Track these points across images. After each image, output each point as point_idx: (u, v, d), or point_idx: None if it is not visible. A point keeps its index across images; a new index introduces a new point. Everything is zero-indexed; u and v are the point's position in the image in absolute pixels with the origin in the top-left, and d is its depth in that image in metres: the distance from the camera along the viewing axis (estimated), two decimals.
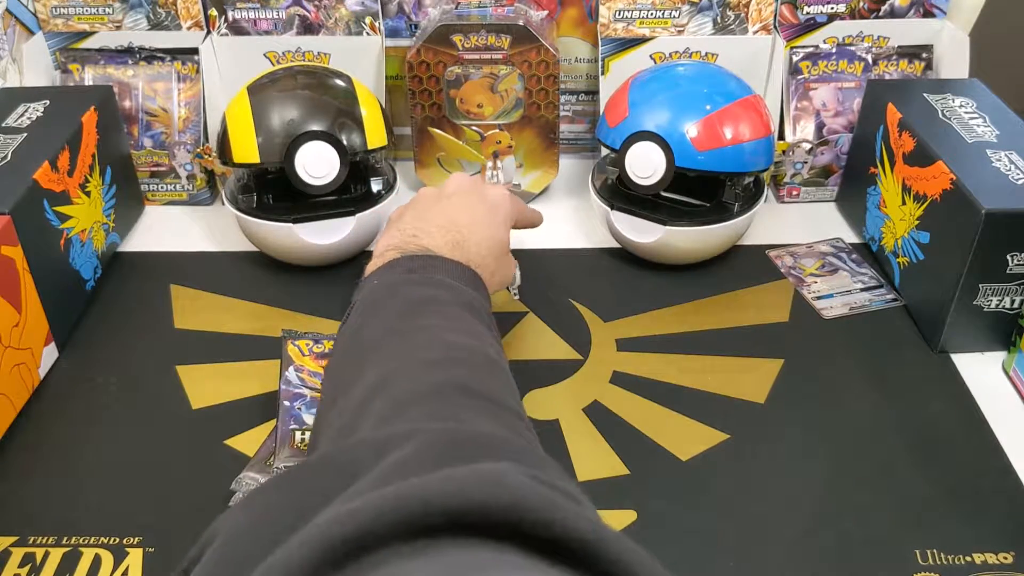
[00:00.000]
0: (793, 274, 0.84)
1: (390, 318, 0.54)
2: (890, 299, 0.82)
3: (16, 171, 0.75)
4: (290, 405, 0.67)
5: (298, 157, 0.80)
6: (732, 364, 0.77)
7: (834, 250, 0.89)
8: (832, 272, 0.86)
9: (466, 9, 0.93)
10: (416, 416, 0.43)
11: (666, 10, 0.93)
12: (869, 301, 0.82)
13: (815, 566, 0.60)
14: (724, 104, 0.81)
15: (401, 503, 0.29)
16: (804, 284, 0.83)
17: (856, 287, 0.84)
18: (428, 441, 0.37)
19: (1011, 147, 0.78)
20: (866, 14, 0.95)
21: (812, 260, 0.87)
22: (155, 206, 0.98)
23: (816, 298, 0.82)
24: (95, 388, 0.75)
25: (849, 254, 0.89)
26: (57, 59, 0.96)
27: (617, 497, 0.65)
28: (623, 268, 0.88)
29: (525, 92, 0.92)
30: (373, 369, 0.48)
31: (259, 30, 0.94)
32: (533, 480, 0.32)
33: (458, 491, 0.29)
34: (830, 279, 0.85)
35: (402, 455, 0.35)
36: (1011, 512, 0.63)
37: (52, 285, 0.76)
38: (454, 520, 0.28)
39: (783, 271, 0.86)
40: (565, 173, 1.01)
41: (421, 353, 0.49)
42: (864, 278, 0.85)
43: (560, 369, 0.76)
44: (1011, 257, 0.71)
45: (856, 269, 0.87)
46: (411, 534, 0.28)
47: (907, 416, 0.71)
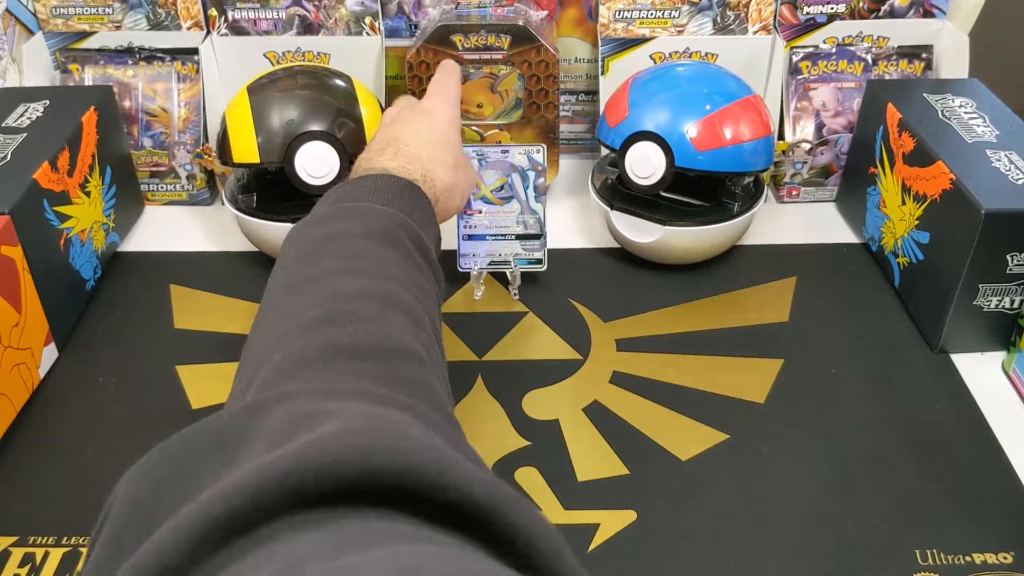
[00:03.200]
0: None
1: (290, 267, 0.51)
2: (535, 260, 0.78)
3: (16, 171, 0.75)
4: None
5: (298, 157, 0.80)
6: (732, 364, 0.77)
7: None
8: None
9: (466, 9, 0.93)
10: (296, 388, 0.39)
11: (666, 10, 0.93)
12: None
13: (815, 566, 0.60)
14: (724, 104, 0.81)
15: (289, 475, 0.27)
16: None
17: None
18: (300, 402, 0.35)
19: (1011, 147, 0.78)
20: (866, 14, 0.95)
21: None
22: (155, 206, 0.98)
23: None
24: (95, 388, 0.75)
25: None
26: (57, 59, 0.96)
27: (617, 497, 0.65)
28: (623, 268, 0.88)
29: (525, 92, 0.92)
30: (265, 332, 0.46)
31: (259, 30, 0.94)
32: (426, 434, 0.31)
33: (349, 459, 0.28)
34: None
35: (276, 420, 0.33)
36: (1011, 512, 0.63)
37: (52, 285, 0.76)
38: (345, 488, 0.28)
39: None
40: (565, 173, 1.01)
41: (310, 311, 0.45)
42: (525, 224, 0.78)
43: (560, 369, 0.76)
44: (1011, 257, 0.71)
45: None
46: (300, 505, 0.27)
47: (907, 416, 0.71)
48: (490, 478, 0.29)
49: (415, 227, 0.54)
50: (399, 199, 0.56)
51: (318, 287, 0.47)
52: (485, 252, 0.82)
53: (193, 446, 0.33)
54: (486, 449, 0.68)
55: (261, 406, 0.34)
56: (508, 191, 0.81)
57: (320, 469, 0.27)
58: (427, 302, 0.50)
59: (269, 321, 0.47)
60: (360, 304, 0.45)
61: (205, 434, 0.34)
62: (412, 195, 0.58)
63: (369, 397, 0.37)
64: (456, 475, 0.28)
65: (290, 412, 0.33)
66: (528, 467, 0.67)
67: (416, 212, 0.57)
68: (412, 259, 0.52)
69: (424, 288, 0.51)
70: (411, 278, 0.50)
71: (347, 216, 0.53)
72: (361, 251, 0.50)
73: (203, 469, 0.31)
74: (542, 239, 0.82)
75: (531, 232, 0.81)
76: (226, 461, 0.31)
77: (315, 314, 0.45)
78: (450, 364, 0.75)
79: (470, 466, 0.29)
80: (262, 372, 0.41)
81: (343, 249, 0.50)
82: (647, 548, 0.61)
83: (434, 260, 0.55)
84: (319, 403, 0.34)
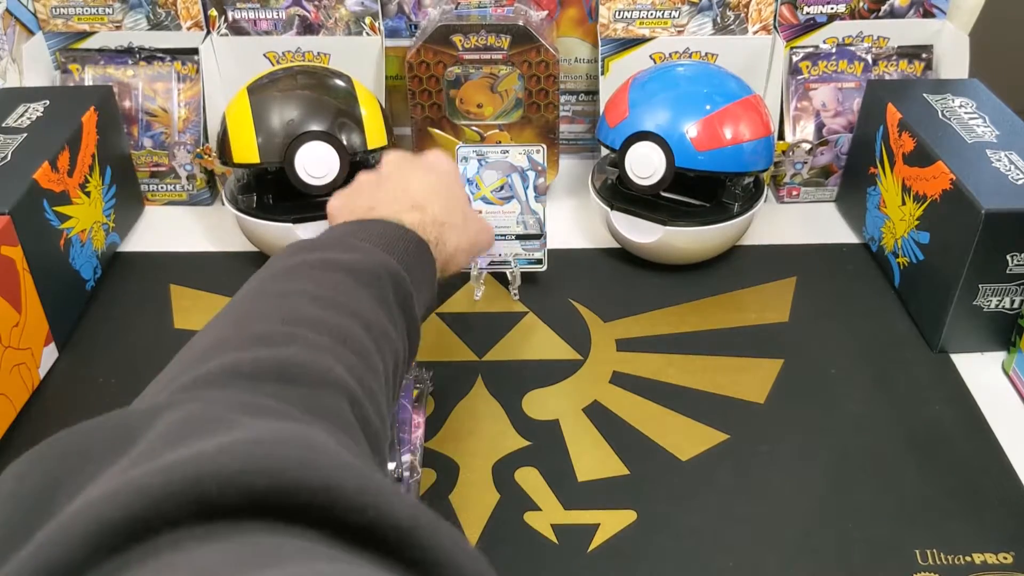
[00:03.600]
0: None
1: (263, 277, 0.50)
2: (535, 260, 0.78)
3: (16, 171, 0.75)
4: None
5: (298, 157, 0.80)
6: (732, 364, 0.77)
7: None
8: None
9: (466, 9, 0.93)
10: (215, 395, 0.37)
11: (666, 10, 0.93)
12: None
13: (815, 566, 0.60)
14: (724, 104, 0.81)
15: (196, 481, 0.25)
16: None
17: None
18: (212, 405, 0.33)
19: (1011, 147, 0.78)
20: (866, 14, 0.95)
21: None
22: (155, 206, 0.98)
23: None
24: (95, 388, 0.75)
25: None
26: (57, 59, 0.96)
27: (617, 497, 0.65)
28: (623, 268, 0.88)
29: (525, 92, 0.92)
30: (210, 333, 0.44)
31: (259, 30, 0.94)
32: (346, 456, 0.29)
33: (262, 468, 0.26)
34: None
35: (178, 417, 0.31)
36: (1011, 512, 0.63)
37: (52, 285, 0.76)
38: (256, 501, 0.26)
39: None
40: (565, 173, 1.01)
41: (258, 326, 0.44)
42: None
43: (560, 369, 0.76)
44: (1011, 257, 0.71)
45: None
46: (206, 515, 0.25)
47: (907, 416, 0.71)
48: (412, 500, 0.28)
49: (406, 281, 0.52)
50: (403, 252, 0.55)
51: (277, 304, 0.46)
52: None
53: (88, 439, 0.31)
54: (486, 449, 0.68)
55: (170, 405, 0.32)
56: (508, 191, 0.81)
57: (226, 478, 0.25)
58: (387, 351, 0.48)
59: (221, 323, 0.46)
60: (311, 332, 0.43)
61: (102, 427, 0.31)
62: (417, 252, 0.57)
63: (287, 418, 0.35)
64: (376, 494, 0.27)
65: (196, 414, 0.31)
66: (528, 467, 0.67)
67: (416, 269, 0.55)
68: (389, 310, 0.50)
69: (390, 338, 0.49)
70: (380, 326, 0.48)
71: (341, 248, 0.52)
72: (336, 284, 0.48)
73: (98, 465, 0.28)
74: (542, 239, 0.82)
75: (531, 232, 0.81)
76: (124, 459, 0.29)
77: (263, 329, 0.43)
78: (450, 364, 0.76)
79: (391, 486, 0.28)
80: (185, 376, 0.39)
81: (321, 277, 0.49)
82: (647, 548, 0.61)
83: (415, 319, 0.53)
84: (230, 412, 0.32)
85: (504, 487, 0.65)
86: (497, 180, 0.80)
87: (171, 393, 0.38)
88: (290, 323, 0.44)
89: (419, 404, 0.70)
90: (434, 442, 0.69)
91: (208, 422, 0.30)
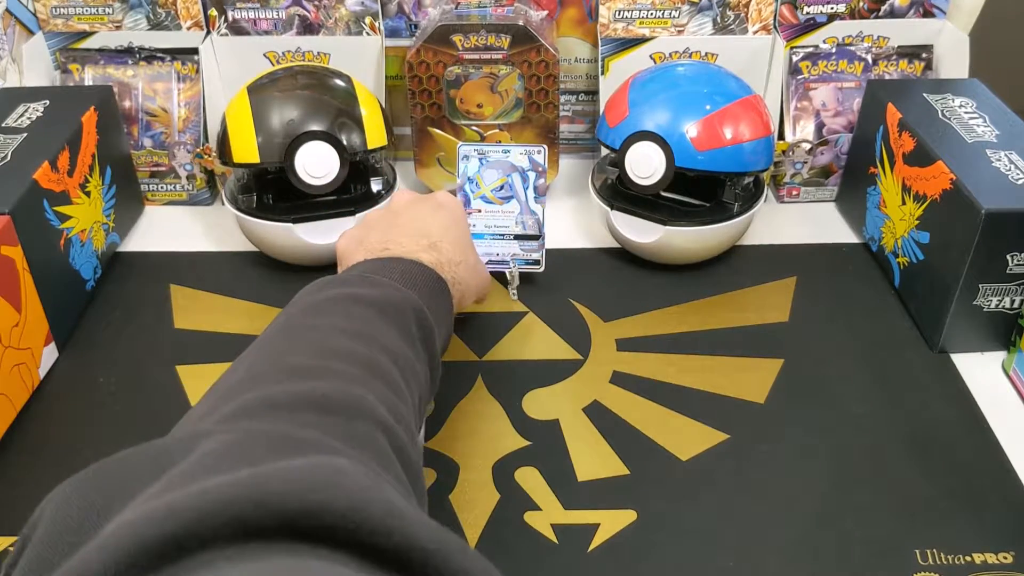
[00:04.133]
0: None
1: (292, 313, 0.52)
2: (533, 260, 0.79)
3: (16, 171, 0.75)
4: None
5: (298, 157, 0.80)
6: (732, 364, 0.77)
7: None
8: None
9: (466, 9, 0.93)
10: (251, 426, 0.39)
11: (666, 10, 0.93)
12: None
13: (815, 566, 0.60)
14: (724, 104, 0.81)
15: (229, 503, 0.26)
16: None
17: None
18: (251, 435, 0.34)
19: (1011, 147, 0.78)
20: (866, 14, 0.95)
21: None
22: (155, 206, 0.98)
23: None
24: (95, 388, 0.75)
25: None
26: (57, 59, 0.96)
27: (617, 497, 0.65)
28: (623, 268, 0.88)
29: (525, 92, 0.92)
30: (244, 366, 0.46)
31: (259, 30, 0.94)
32: (374, 481, 0.30)
33: (290, 491, 0.27)
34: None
35: (216, 447, 0.32)
36: (1011, 512, 0.63)
37: (52, 285, 0.76)
38: (286, 523, 0.27)
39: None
40: (565, 173, 1.01)
41: (293, 359, 0.45)
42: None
43: (560, 369, 0.76)
44: (1011, 257, 0.71)
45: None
46: (238, 536, 0.26)
47: (907, 416, 0.71)
48: (437, 525, 0.29)
49: (429, 318, 0.54)
50: (424, 289, 0.57)
51: (309, 337, 0.47)
52: (483, 252, 0.82)
53: (129, 466, 0.32)
54: (486, 449, 0.68)
55: (209, 434, 0.33)
56: (508, 191, 0.81)
57: (259, 501, 0.27)
58: (413, 383, 0.49)
59: (252, 358, 0.47)
60: (343, 364, 0.45)
61: (144, 455, 0.32)
62: (437, 291, 0.58)
63: (322, 448, 0.36)
64: (402, 518, 0.27)
65: (233, 443, 0.32)
66: (528, 467, 0.67)
67: (436, 307, 0.57)
68: (413, 344, 0.52)
69: (416, 373, 0.50)
70: (406, 358, 0.50)
71: (366, 285, 0.54)
72: (365, 317, 0.50)
73: (137, 490, 0.30)
74: (540, 240, 0.82)
75: (530, 233, 0.81)
76: (161, 483, 0.30)
77: (296, 362, 0.44)
78: (450, 364, 0.76)
79: (418, 512, 0.28)
80: (226, 407, 0.40)
81: (348, 311, 0.51)
82: (647, 548, 0.61)
83: (436, 356, 0.55)
84: (266, 443, 0.33)
85: (504, 487, 0.65)
86: (497, 180, 0.80)
87: (209, 424, 0.39)
88: (323, 356, 0.45)
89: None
90: (434, 442, 0.69)
91: (244, 451, 0.31)
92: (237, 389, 0.42)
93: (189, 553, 0.25)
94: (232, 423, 0.38)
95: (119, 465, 0.32)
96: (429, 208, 0.66)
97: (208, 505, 0.26)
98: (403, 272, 0.57)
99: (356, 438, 0.39)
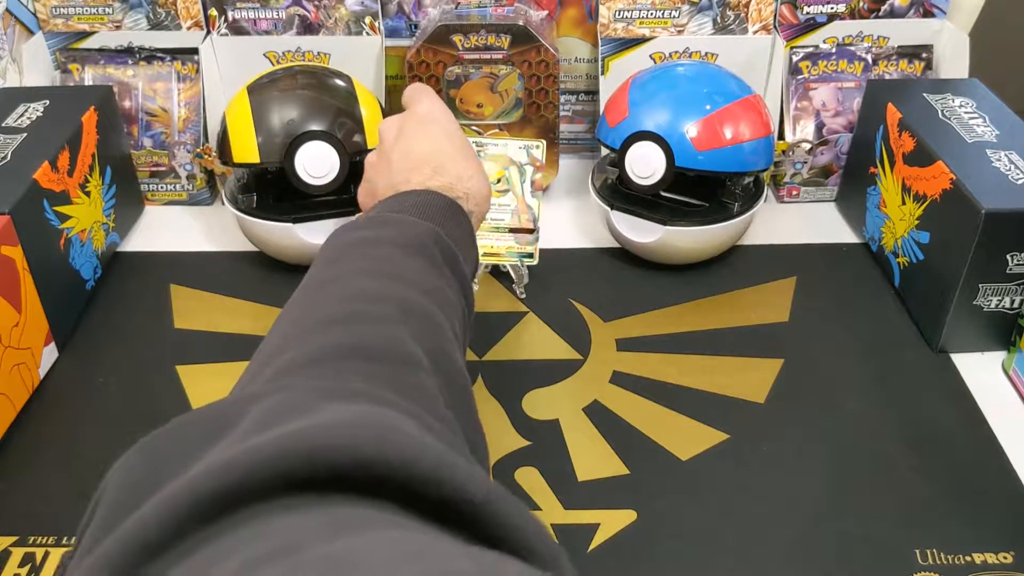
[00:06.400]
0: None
1: (314, 269, 0.51)
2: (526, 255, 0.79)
3: (16, 171, 0.75)
4: None
5: (298, 157, 0.80)
6: (732, 364, 0.77)
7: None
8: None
9: (466, 9, 0.93)
10: (299, 383, 0.39)
11: (666, 10, 0.93)
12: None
13: (815, 566, 0.60)
14: (724, 104, 0.81)
15: (281, 457, 0.27)
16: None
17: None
18: (301, 390, 0.34)
19: (1011, 147, 0.78)
20: (866, 14, 0.95)
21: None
22: (155, 206, 0.98)
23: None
24: (95, 388, 0.75)
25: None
26: (57, 59, 0.96)
27: (617, 497, 0.65)
28: (623, 268, 0.88)
29: (525, 92, 0.92)
30: (278, 330, 0.45)
31: (259, 30, 0.94)
32: (424, 433, 0.30)
33: (343, 444, 0.28)
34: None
35: (270, 404, 0.33)
36: (1011, 512, 0.63)
37: (52, 285, 0.76)
38: (339, 475, 0.27)
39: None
40: (565, 173, 1.01)
41: (323, 311, 0.45)
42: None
43: (560, 369, 0.76)
44: (1011, 257, 0.71)
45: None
46: (292, 489, 0.27)
47: (907, 416, 0.71)
48: (486, 477, 0.29)
49: (450, 243, 0.53)
50: (440, 215, 0.56)
51: (334, 287, 0.47)
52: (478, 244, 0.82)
53: (187, 429, 0.33)
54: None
55: (258, 395, 0.34)
56: (505, 184, 0.81)
57: (311, 454, 0.27)
58: (450, 313, 0.49)
59: (283, 321, 0.47)
60: (374, 306, 0.45)
61: (200, 418, 0.33)
62: (453, 213, 0.57)
63: (372, 398, 0.36)
64: (452, 470, 0.28)
65: (285, 400, 0.33)
66: (528, 467, 0.67)
67: (456, 230, 0.56)
68: (441, 272, 0.51)
69: (450, 301, 0.50)
70: (436, 288, 0.49)
71: (381, 225, 0.53)
72: (387, 257, 0.50)
73: (195, 450, 0.30)
74: (535, 234, 0.82)
75: (525, 226, 0.81)
76: (215, 442, 0.31)
77: (326, 313, 0.44)
78: None
79: (467, 464, 0.29)
80: (267, 370, 0.41)
81: (368, 252, 0.50)
82: (647, 548, 0.61)
83: (466, 279, 0.54)
84: (314, 398, 0.34)
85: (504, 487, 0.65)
86: (495, 173, 0.80)
87: (259, 385, 0.39)
88: (353, 300, 0.45)
89: None
90: None
91: (294, 408, 0.32)
92: (275, 354, 0.42)
93: (243, 504, 0.26)
94: (277, 382, 0.39)
95: (179, 430, 0.33)
96: (419, 130, 0.63)
97: (259, 459, 0.27)
98: (415, 204, 0.56)
99: (400, 384, 0.39)
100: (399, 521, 0.27)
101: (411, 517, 0.28)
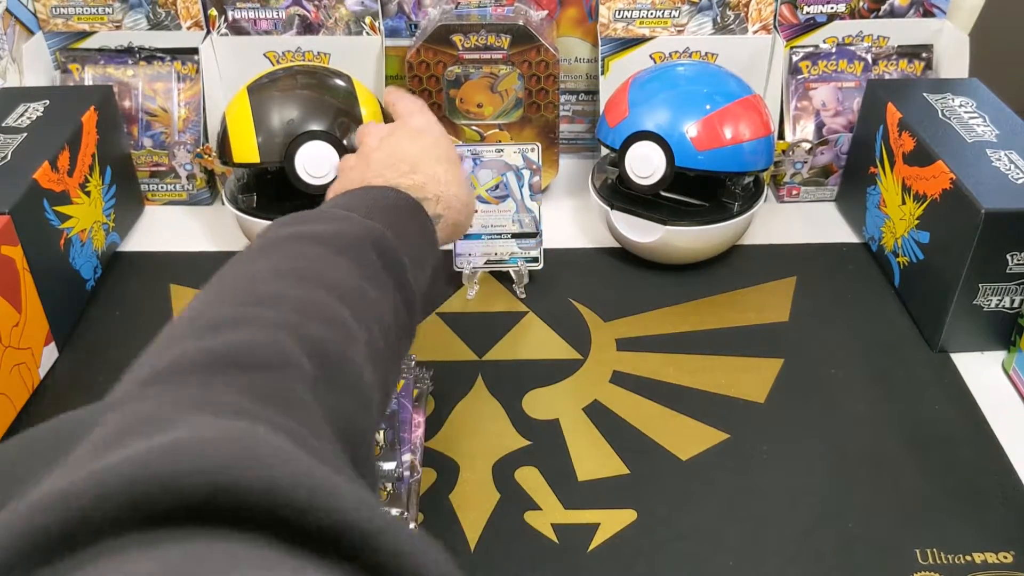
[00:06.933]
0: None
1: (235, 260, 0.49)
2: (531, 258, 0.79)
3: (16, 171, 0.75)
4: None
5: (298, 157, 0.80)
6: (732, 364, 0.77)
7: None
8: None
9: (466, 9, 0.93)
10: (162, 392, 0.35)
11: (666, 10, 0.93)
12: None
13: (815, 566, 0.60)
14: (724, 104, 0.81)
15: (131, 484, 0.23)
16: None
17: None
18: (161, 403, 0.31)
19: (1011, 147, 0.78)
20: (866, 14, 0.95)
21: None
22: (155, 206, 0.98)
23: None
24: (95, 388, 0.74)
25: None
26: (57, 59, 0.96)
27: (617, 497, 0.65)
28: (623, 268, 0.88)
29: (525, 92, 0.92)
30: (177, 321, 0.42)
31: (259, 30, 0.94)
32: (300, 453, 0.27)
33: (203, 468, 0.24)
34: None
35: (122, 419, 0.29)
36: (1011, 512, 0.63)
37: (52, 285, 0.76)
38: (197, 504, 0.24)
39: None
40: (565, 173, 1.01)
41: (219, 309, 0.42)
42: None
43: (560, 369, 0.76)
44: (1011, 257, 0.71)
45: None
46: (143, 522, 0.23)
47: (907, 416, 0.71)
48: (375, 502, 0.26)
49: (394, 244, 0.51)
50: (393, 214, 0.54)
51: (241, 285, 0.45)
52: (481, 251, 0.82)
53: (33, 445, 0.29)
54: (486, 449, 0.68)
55: (114, 405, 0.31)
56: (503, 190, 0.81)
57: (165, 481, 0.24)
58: (368, 316, 0.46)
59: (186, 310, 0.44)
60: (269, 310, 0.41)
61: (49, 432, 0.30)
62: (413, 214, 0.55)
63: (242, 413, 0.32)
64: (334, 494, 0.25)
65: (137, 414, 0.30)
66: (528, 467, 0.67)
67: (410, 230, 0.54)
68: (370, 272, 0.48)
69: (369, 301, 0.47)
70: (354, 289, 0.46)
71: (319, 220, 0.51)
72: (311, 255, 0.47)
73: (41, 470, 0.26)
74: (538, 237, 0.82)
75: (527, 231, 0.81)
76: (61, 458, 0.27)
77: (220, 314, 0.41)
78: (450, 364, 0.76)
79: (352, 487, 0.26)
80: (143, 371, 0.37)
81: (290, 250, 0.48)
82: (647, 548, 0.61)
83: (407, 281, 0.51)
84: (174, 410, 0.30)
85: (504, 487, 0.65)
86: (492, 179, 0.80)
87: (125, 390, 0.36)
88: (250, 303, 0.42)
89: (419, 404, 0.70)
90: (434, 442, 0.69)
91: (147, 422, 0.28)
92: (162, 348, 0.39)
93: (87, 542, 0.22)
94: (144, 388, 0.35)
95: (26, 442, 0.29)
96: (408, 136, 0.63)
97: (104, 489, 0.23)
98: (367, 201, 0.54)
99: (278, 397, 0.35)
100: (269, 558, 0.23)
101: (285, 551, 0.24)
